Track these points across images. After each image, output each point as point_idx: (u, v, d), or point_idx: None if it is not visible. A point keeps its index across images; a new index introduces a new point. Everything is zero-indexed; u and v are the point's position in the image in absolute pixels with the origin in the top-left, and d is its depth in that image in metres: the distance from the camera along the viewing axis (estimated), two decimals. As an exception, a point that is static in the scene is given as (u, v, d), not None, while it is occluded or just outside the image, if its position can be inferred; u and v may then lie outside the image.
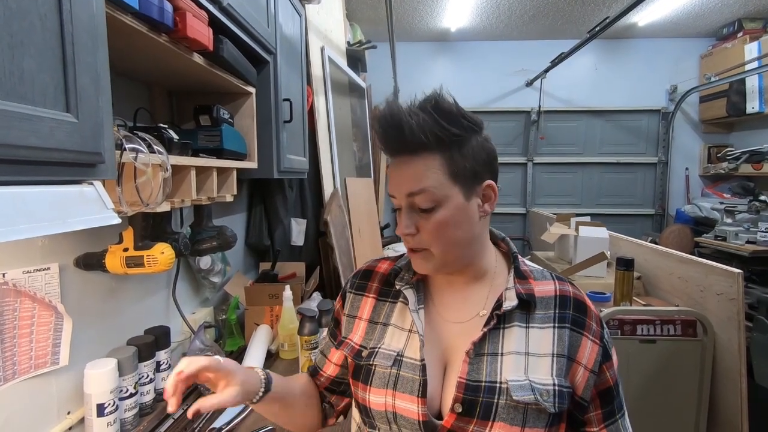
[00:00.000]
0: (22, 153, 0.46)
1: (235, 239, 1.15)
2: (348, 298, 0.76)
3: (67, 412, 0.92)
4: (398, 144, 0.62)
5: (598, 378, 0.63)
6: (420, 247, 0.64)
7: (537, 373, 0.61)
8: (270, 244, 1.90)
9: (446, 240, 0.63)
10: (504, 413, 0.59)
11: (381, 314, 0.72)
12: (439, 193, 0.61)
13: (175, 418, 1.05)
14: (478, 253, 0.68)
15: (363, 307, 0.74)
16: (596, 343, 0.63)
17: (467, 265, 0.67)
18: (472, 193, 0.63)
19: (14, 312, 0.78)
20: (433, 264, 0.65)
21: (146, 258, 0.90)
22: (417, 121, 0.59)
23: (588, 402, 0.63)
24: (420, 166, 0.61)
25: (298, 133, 1.67)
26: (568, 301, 0.65)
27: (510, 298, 0.64)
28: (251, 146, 1.32)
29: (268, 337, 1.43)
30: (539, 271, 0.70)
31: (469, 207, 0.63)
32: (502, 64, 4.09)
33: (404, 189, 0.63)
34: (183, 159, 0.90)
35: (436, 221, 0.62)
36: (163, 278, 1.28)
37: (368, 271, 0.78)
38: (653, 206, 4.14)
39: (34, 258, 0.83)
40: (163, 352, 1.13)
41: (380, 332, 0.70)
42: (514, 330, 0.63)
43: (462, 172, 0.62)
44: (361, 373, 0.68)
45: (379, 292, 0.74)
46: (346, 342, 0.73)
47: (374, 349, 0.68)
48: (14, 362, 0.79)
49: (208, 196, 1.07)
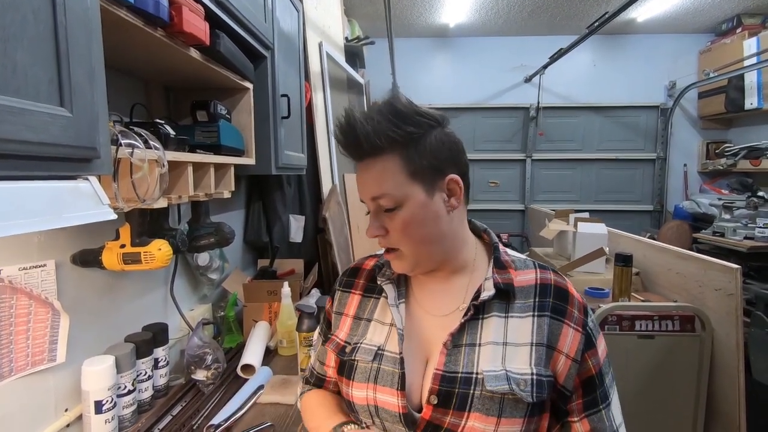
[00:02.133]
0: (15, 147, 0.46)
1: (233, 236, 1.15)
2: (336, 296, 0.78)
3: (65, 409, 0.91)
4: (358, 150, 0.63)
5: (581, 366, 0.63)
6: (391, 246, 0.66)
7: (514, 363, 0.61)
8: (268, 241, 1.90)
9: (414, 238, 0.64)
10: (479, 404, 0.59)
11: (365, 310, 0.73)
12: (399, 193, 0.62)
13: (173, 415, 1.05)
14: (454, 247, 0.68)
15: (349, 304, 0.75)
16: (578, 331, 0.63)
17: (445, 261, 0.68)
18: (435, 189, 0.64)
19: (10, 309, 0.78)
20: (407, 263, 0.66)
21: (143, 255, 0.89)
22: (372, 125, 0.60)
23: (571, 391, 0.63)
24: (379, 169, 0.62)
25: (296, 129, 1.66)
26: (549, 289, 0.65)
27: (488, 288, 0.64)
28: (249, 142, 1.31)
29: (266, 334, 1.43)
30: (521, 260, 0.70)
31: (433, 203, 0.63)
32: (501, 60, 4.08)
33: (368, 193, 0.64)
34: (180, 155, 0.89)
35: (400, 221, 0.63)
36: (161, 275, 1.27)
37: (356, 268, 0.79)
38: (652, 202, 4.15)
39: (30, 254, 0.82)
40: (161, 349, 1.13)
41: (363, 328, 0.71)
42: (493, 320, 0.63)
43: (420, 170, 0.62)
44: (345, 369, 0.69)
45: (365, 288, 0.75)
46: (332, 339, 0.74)
47: (357, 345, 0.69)
48: (11, 359, 0.78)
49: (206, 193, 1.07)
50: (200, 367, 1.17)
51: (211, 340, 1.25)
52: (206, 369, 1.17)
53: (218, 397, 1.14)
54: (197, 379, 1.17)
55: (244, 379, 1.22)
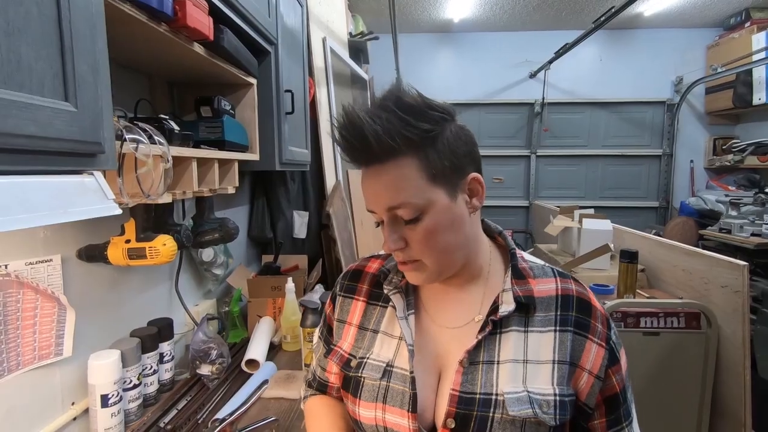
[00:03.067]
0: (20, 142, 0.46)
1: (237, 231, 1.15)
2: (338, 302, 0.72)
3: (72, 402, 0.92)
4: (366, 155, 0.55)
5: (604, 384, 0.59)
6: (411, 259, 0.59)
7: (536, 383, 0.56)
8: (272, 237, 1.90)
9: (438, 248, 0.58)
10: (499, 428, 0.55)
11: (371, 320, 0.67)
12: (420, 201, 0.55)
13: (178, 409, 1.05)
14: (473, 252, 0.63)
15: (353, 312, 0.69)
16: (602, 347, 0.59)
17: (462, 267, 0.62)
18: (457, 191, 0.58)
19: (17, 303, 0.78)
20: (428, 274, 0.60)
21: (148, 250, 0.90)
22: (381, 125, 0.52)
23: (592, 409, 0.59)
24: (394, 175, 0.55)
25: (300, 124, 1.66)
26: (571, 301, 0.60)
27: (507, 302, 0.59)
28: (253, 138, 1.31)
29: (270, 330, 1.43)
30: (539, 267, 0.65)
31: (456, 206, 0.58)
32: (506, 55, 4.05)
33: (383, 203, 0.57)
34: (184, 150, 0.89)
35: (423, 230, 0.56)
36: (166, 270, 1.28)
37: (357, 271, 0.73)
38: (657, 199, 4.12)
39: (36, 249, 0.83)
40: (167, 343, 1.14)
41: (370, 340, 0.66)
42: (512, 335, 0.59)
43: (442, 171, 0.56)
44: (351, 385, 0.64)
45: (369, 294, 0.69)
46: (335, 350, 0.69)
47: (363, 360, 0.64)
48: (18, 353, 0.79)
49: (210, 188, 1.07)
50: (205, 361, 1.18)
51: (215, 335, 1.26)
52: (211, 364, 1.18)
53: (223, 391, 1.15)
54: (202, 374, 1.17)
55: (249, 374, 1.23)
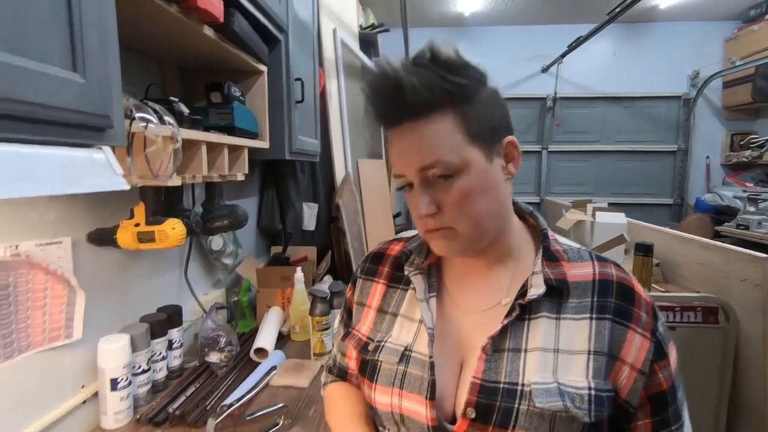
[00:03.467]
0: (28, 109, 0.45)
1: (247, 218, 1.14)
2: (358, 285, 0.70)
3: (82, 385, 0.92)
4: (399, 109, 0.52)
5: (649, 380, 0.53)
6: (443, 226, 0.54)
7: (568, 374, 0.51)
8: (282, 228, 1.90)
9: (473, 213, 0.53)
10: (525, 421, 0.50)
11: (391, 303, 0.65)
12: (457, 159, 0.52)
13: (187, 395, 1.05)
14: (504, 227, 0.59)
15: (372, 294, 0.68)
16: (646, 338, 0.53)
17: (491, 244, 0.58)
18: (493, 154, 0.55)
19: (27, 284, 0.78)
20: (459, 244, 0.55)
21: (158, 233, 0.89)
22: (418, 77, 0.49)
23: (635, 408, 0.53)
24: (430, 131, 0.52)
25: (310, 115, 1.65)
26: (610, 287, 0.55)
27: (536, 285, 0.54)
28: (263, 126, 1.30)
29: (279, 319, 1.43)
30: (574, 250, 0.60)
31: (493, 170, 0.55)
32: (518, 49, 4.01)
33: (415, 163, 0.53)
34: (194, 133, 0.88)
35: (459, 192, 0.52)
36: (176, 258, 1.28)
37: (379, 254, 0.71)
38: (671, 195, 4.05)
39: (46, 231, 0.83)
40: (176, 330, 1.14)
41: (389, 323, 0.64)
42: (542, 322, 0.54)
43: (479, 130, 0.53)
44: (367, 369, 0.62)
45: (390, 277, 0.67)
46: (353, 333, 0.67)
47: (380, 343, 0.62)
48: (28, 334, 0.79)
49: (220, 174, 1.06)
50: (214, 349, 1.17)
51: (224, 323, 1.25)
52: (220, 351, 1.18)
53: (231, 379, 1.14)
54: (211, 362, 1.17)
55: (258, 362, 1.22)
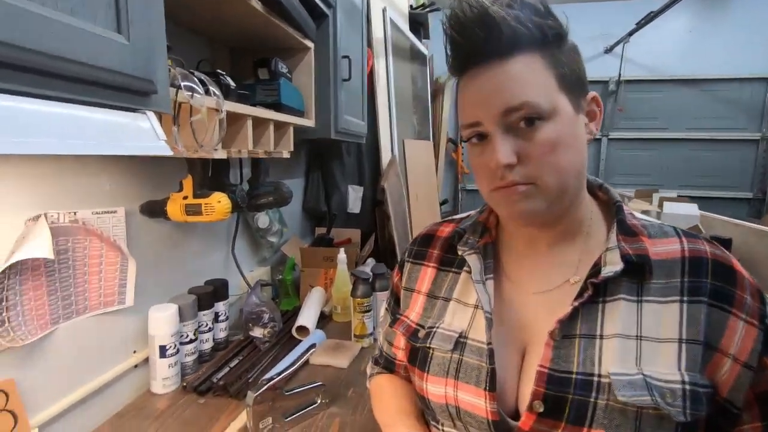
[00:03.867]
0: (73, 68, 0.45)
1: (291, 195, 1.14)
2: (406, 269, 0.66)
3: (134, 350, 0.97)
4: (487, 45, 0.46)
5: (757, 376, 0.45)
6: (525, 180, 0.47)
7: (655, 365, 0.44)
8: (327, 210, 1.90)
9: (559, 166, 0.47)
10: (605, 418, 0.44)
11: (442, 287, 0.61)
12: (547, 103, 0.46)
13: (230, 367, 1.07)
14: (579, 193, 0.52)
15: (422, 279, 0.63)
16: (752, 325, 0.45)
17: (561, 215, 0.52)
18: (580, 107, 0.50)
19: (84, 250, 0.82)
20: (538, 202, 0.48)
21: (204, 206, 0.91)
22: (508, 14, 0.45)
23: (739, 409, 0.45)
24: (519, 70, 0.46)
25: (357, 95, 1.62)
26: (704, 265, 0.47)
27: (612, 262, 0.47)
28: (309, 104, 1.29)
29: (321, 299, 1.43)
30: (656, 226, 0.52)
31: (579, 123, 0.50)
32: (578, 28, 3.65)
33: (498, 105, 0.47)
34: (239, 107, 0.88)
35: (546, 141, 0.46)
36: (223, 234, 1.31)
37: (428, 236, 0.66)
38: (751, 189, 3.65)
39: (102, 201, 0.86)
40: (222, 303, 1.17)
41: (440, 308, 0.59)
42: (620, 305, 0.47)
43: (569, 77, 0.48)
44: (418, 358, 0.57)
45: (441, 260, 0.62)
46: (401, 320, 0.63)
47: (432, 329, 0.57)
48: (85, 297, 0.83)
49: (265, 150, 1.06)
50: (257, 324, 1.20)
51: (268, 300, 1.27)
52: (263, 327, 1.19)
53: (273, 354, 1.16)
54: (255, 336, 1.19)
55: (299, 340, 1.23)
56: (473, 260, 0.56)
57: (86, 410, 0.83)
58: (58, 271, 0.77)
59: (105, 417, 0.87)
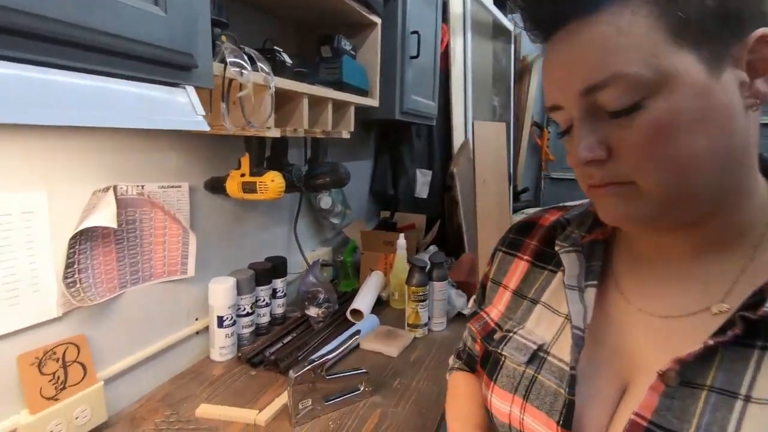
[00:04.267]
0: (107, 41, 0.45)
1: (348, 176, 1.12)
2: (497, 258, 0.57)
3: (195, 318, 1.02)
4: (556, 3, 0.36)
5: None
6: (617, 179, 0.36)
7: None
8: (393, 194, 1.87)
9: (673, 158, 0.34)
10: None
11: (533, 286, 0.51)
12: (648, 71, 0.32)
13: (284, 343, 1.10)
14: (735, 188, 0.37)
15: (512, 273, 0.54)
16: None
17: (706, 214, 0.37)
18: (724, 61, 0.33)
19: (150, 221, 0.87)
20: (641, 208, 0.36)
21: (259, 184, 0.92)
22: None
23: None
24: (602, 32, 0.33)
25: (428, 74, 1.55)
26: None
27: None
28: (373, 83, 1.25)
29: (380, 284, 1.41)
30: None
31: (719, 89, 0.33)
32: None
33: (576, 83, 0.36)
34: (294, 84, 0.87)
35: (648, 125, 0.33)
36: (285, 214, 1.33)
37: (528, 223, 0.56)
38: None
39: (167, 175, 0.91)
40: (280, 280, 1.19)
41: (525, 311, 0.50)
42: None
43: (698, 17, 0.32)
44: (488, 363, 0.50)
45: (537, 253, 0.52)
46: (480, 315, 0.56)
47: (509, 333, 0.49)
48: (151, 265, 0.89)
49: (323, 130, 1.04)
50: (312, 303, 1.21)
51: (325, 280, 1.28)
52: (318, 306, 1.20)
53: (326, 335, 1.16)
54: (310, 315, 1.21)
55: (352, 323, 1.22)
56: (570, 261, 0.45)
57: (148, 370, 0.90)
58: (126, 240, 0.83)
59: (165, 378, 0.94)
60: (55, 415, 0.70)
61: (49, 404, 0.70)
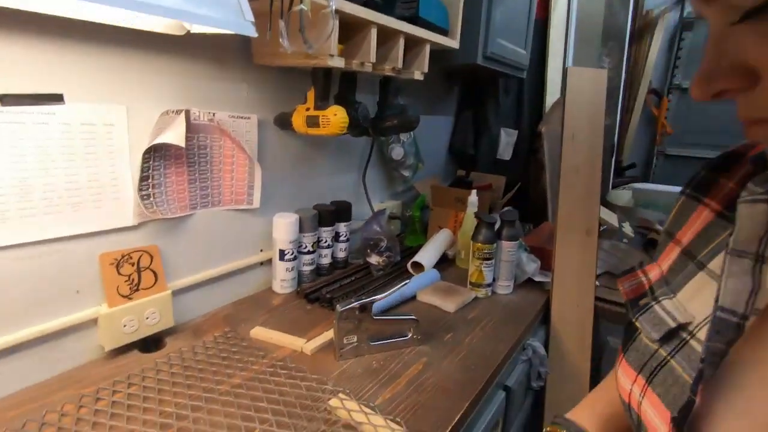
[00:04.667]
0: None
1: (417, 121, 1.06)
2: (677, 204, 0.44)
3: (260, 249, 1.07)
4: None
5: None
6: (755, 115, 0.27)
7: None
8: (473, 154, 1.76)
9: None
10: None
11: (709, 244, 0.38)
12: None
13: (341, 285, 1.11)
14: None
15: (690, 224, 0.41)
16: None
17: None
18: None
19: (219, 148, 0.91)
20: None
21: (321, 118, 0.90)
22: None
23: None
24: None
25: (521, 18, 1.39)
26: None
27: None
28: (455, 23, 1.15)
29: (447, 242, 1.35)
30: None
31: None
32: None
33: None
34: (359, 9, 0.82)
35: None
36: (356, 160, 1.32)
37: (734, 154, 0.40)
38: None
39: (239, 106, 0.94)
40: (343, 224, 1.19)
41: (686, 276, 0.39)
42: None
43: None
44: (626, 331, 0.43)
45: (731, 199, 0.37)
46: (635, 273, 0.46)
47: (654, 301, 0.40)
48: (220, 192, 0.94)
49: (393, 66, 0.99)
50: (374, 251, 1.20)
51: (388, 229, 1.25)
52: (379, 254, 1.19)
53: (384, 282, 1.15)
54: (370, 262, 1.20)
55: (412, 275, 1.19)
56: (748, 214, 0.32)
57: (214, 289, 0.97)
58: (198, 164, 0.88)
59: (229, 300, 1.00)
60: (129, 311, 0.78)
61: (124, 302, 0.78)
